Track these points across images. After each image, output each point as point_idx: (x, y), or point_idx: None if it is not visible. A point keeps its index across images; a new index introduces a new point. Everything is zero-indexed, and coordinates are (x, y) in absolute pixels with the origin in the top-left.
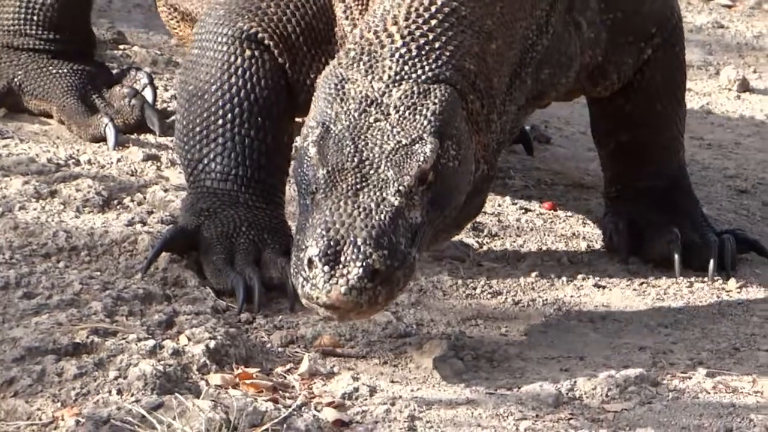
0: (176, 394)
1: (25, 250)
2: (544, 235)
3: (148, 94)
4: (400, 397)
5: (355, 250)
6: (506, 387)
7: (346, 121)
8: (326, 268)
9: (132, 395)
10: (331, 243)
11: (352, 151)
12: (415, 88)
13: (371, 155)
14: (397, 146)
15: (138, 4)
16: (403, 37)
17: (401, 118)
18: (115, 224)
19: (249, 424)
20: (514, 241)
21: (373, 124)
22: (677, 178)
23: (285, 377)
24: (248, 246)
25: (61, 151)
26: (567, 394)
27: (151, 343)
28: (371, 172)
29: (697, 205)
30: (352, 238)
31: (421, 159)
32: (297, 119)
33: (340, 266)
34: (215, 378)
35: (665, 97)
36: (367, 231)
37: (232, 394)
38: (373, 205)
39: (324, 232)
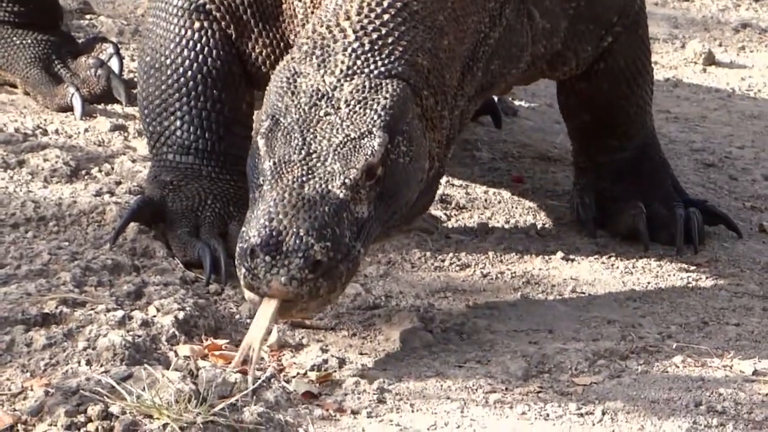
0: (145, 365)
1: None
2: (512, 207)
3: (114, 64)
4: (370, 368)
5: (297, 241)
6: (475, 360)
7: (296, 114)
8: (267, 258)
9: (101, 366)
10: (273, 233)
11: (299, 143)
12: (366, 83)
13: (319, 148)
14: (345, 140)
15: None
16: (355, 31)
17: (351, 112)
18: (83, 194)
19: (218, 395)
20: (482, 214)
21: (323, 118)
22: (645, 148)
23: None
24: (213, 219)
25: (28, 121)
26: (536, 367)
27: (120, 313)
28: (318, 164)
29: (667, 176)
30: (294, 229)
31: (369, 153)
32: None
33: (282, 256)
34: (184, 349)
35: (630, 78)
36: (310, 222)
37: (202, 365)
38: (317, 197)
39: (267, 223)
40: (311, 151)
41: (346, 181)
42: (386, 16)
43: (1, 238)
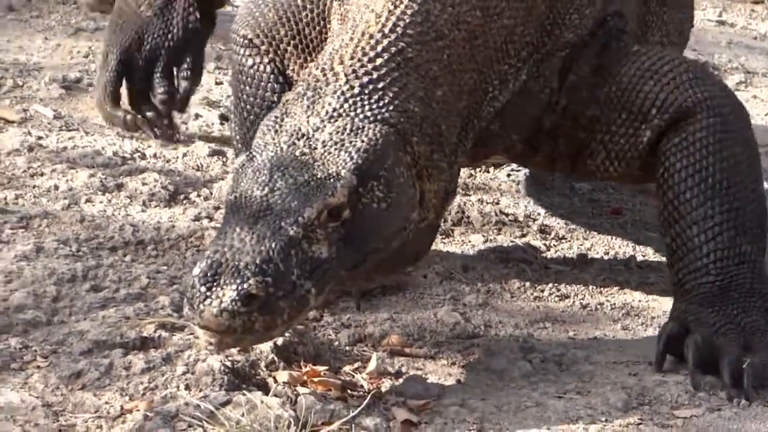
0: (244, 390)
1: (92, 243)
2: (612, 239)
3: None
4: (469, 397)
5: (235, 274)
6: (575, 390)
7: (272, 151)
8: (203, 288)
9: (200, 390)
10: (213, 265)
11: (265, 180)
12: (348, 125)
13: (282, 185)
14: (310, 179)
15: None
16: (346, 75)
17: (326, 153)
18: (181, 219)
19: (318, 421)
20: (581, 245)
21: (298, 158)
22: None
23: (353, 376)
24: None
25: (126, 144)
26: (636, 398)
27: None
28: (278, 201)
29: None
30: (235, 262)
31: (329, 192)
32: None
33: (218, 288)
34: (283, 375)
35: (695, 189)
36: (252, 256)
37: (301, 391)
38: (268, 232)
39: (211, 255)
40: (275, 188)
41: (299, 219)
42: (379, 61)
43: (100, 261)
